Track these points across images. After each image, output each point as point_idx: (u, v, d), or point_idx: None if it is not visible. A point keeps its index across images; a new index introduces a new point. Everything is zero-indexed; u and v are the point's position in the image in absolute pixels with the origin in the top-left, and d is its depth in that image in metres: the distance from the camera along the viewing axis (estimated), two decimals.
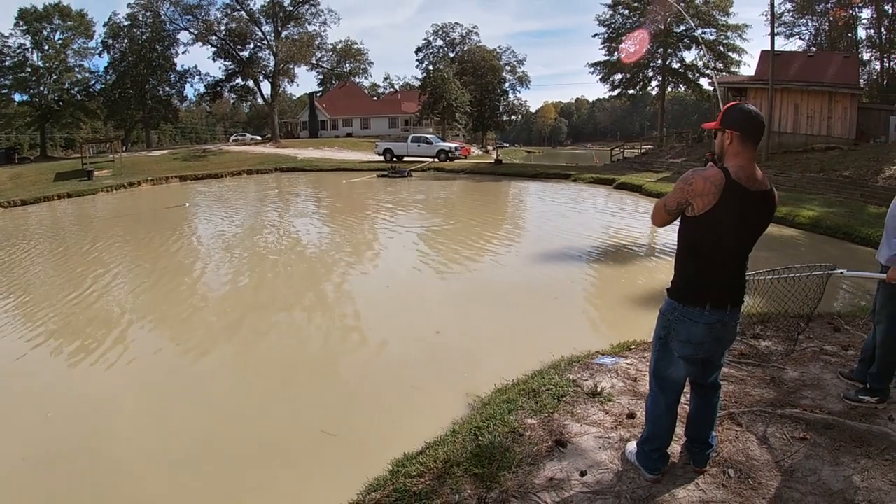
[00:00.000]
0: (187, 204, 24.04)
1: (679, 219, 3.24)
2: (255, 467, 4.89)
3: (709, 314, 3.18)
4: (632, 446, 3.82)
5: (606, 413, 4.47)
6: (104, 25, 57.29)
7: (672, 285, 3.36)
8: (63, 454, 5.18)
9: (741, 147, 3.06)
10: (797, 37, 49.57)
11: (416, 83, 70.51)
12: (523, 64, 73.12)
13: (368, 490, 3.99)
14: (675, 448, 3.80)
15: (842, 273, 4.82)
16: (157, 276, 11.76)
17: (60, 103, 56.65)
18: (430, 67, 64.71)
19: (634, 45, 50.29)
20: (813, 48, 44.87)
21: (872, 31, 45.28)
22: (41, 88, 54.76)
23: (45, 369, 7.24)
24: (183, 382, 6.80)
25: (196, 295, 10.49)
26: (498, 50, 71.21)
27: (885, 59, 45.92)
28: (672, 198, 3.15)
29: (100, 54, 58.47)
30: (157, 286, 10.98)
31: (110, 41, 57.36)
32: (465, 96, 61.97)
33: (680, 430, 3.80)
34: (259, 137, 74.12)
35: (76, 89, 58.07)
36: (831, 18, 45.05)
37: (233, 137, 75.24)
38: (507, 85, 72.41)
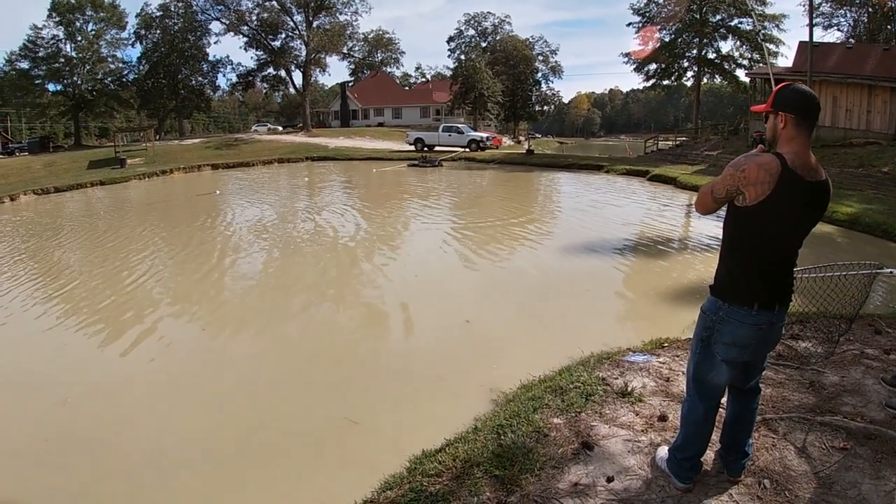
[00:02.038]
0: (217, 192, 24.20)
1: (726, 209, 3.01)
2: (279, 454, 4.91)
3: (757, 314, 2.94)
4: (663, 452, 3.63)
5: (637, 415, 4.30)
6: (136, 16, 58.51)
7: (716, 282, 3.11)
8: (81, 437, 5.22)
9: (796, 131, 2.81)
10: (835, 28, 48.52)
11: (448, 73, 70.36)
12: (556, 54, 72.72)
13: (384, 488, 3.87)
14: (709, 455, 3.61)
15: (892, 272, 4.57)
16: (187, 261, 11.88)
17: (94, 93, 57.59)
18: (462, 57, 64.71)
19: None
20: (851, 40, 43.88)
21: None
22: (74, 78, 55.77)
23: (72, 351, 7.36)
24: (210, 367, 6.87)
25: (225, 281, 10.57)
26: (530, 39, 70.79)
27: None
28: (721, 184, 2.90)
29: (132, 45, 59.70)
30: (186, 272, 11.10)
31: (143, 31, 58.47)
32: (497, 86, 61.74)
33: (714, 435, 3.59)
34: (280, 128, 74.42)
35: (109, 79, 59.07)
36: (873, 6, 43.87)
37: (254, 127, 75.48)
38: (539, 75, 72.08)
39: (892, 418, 4.16)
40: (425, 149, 42.20)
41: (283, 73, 61.56)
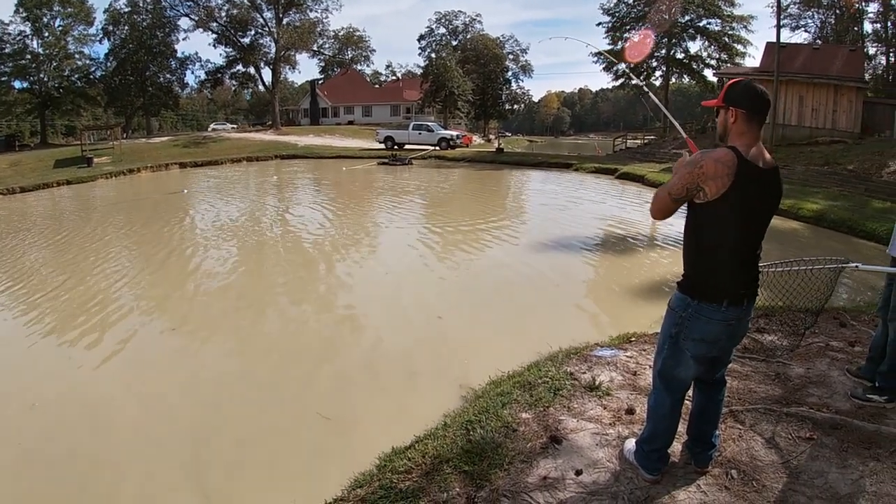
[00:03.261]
0: (185, 191, 23.87)
1: (686, 209, 3.01)
2: (251, 451, 4.92)
3: (726, 310, 2.95)
4: (630, 444, 3.63)
5: (604, 408, 4.29)
6: (104, 12, 57.08)
7: (684, 279, 3.10)
8: (54, 444, 5.10)
9: (747, 126, 2.86)
10: (803, 29, 49.26)
11: (419, 71, 70.18)
12: (526, 53, 72.73)
13: (354, 486, 3.83)
14: (676, 447, 3.62)
15: (856, 267, 4.61)
16: (154, 262, 11.66)
17: (60, 90, 56.21)
18: (433, 55, 64.48)
19: (640, 46, 50.08)
20: (818, 41, 44.58)
21: (879, 25, 44.96)
22: (41, 75, 54.30)
23: (37, 355, 7.16)
24: (180, 367, 6.77)
25: (194, 281, 10.38)
26: (501, 38, 70.82)
27: (892, 54, 45.64)
28: (679, 184, 2.89)
29: (100, 41, 58.15)
30: (154, 272, 10.89)
31: (111, 27, 57.10)
32: (468, 84, 61.67)
33: (682, 427, 3.60)
34: (234, 126, 73.51)
35: (76, 76, 57.62)
36: (840, 8, 44.67)
37: (212, 126, 74.20)
38: (509, 74, 72.09)
39: (857, 408, 4.21)
40: (395, 147, 42.05)
41: (252, 70, 60.64)
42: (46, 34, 53.56)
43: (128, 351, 7.20)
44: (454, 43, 69.15)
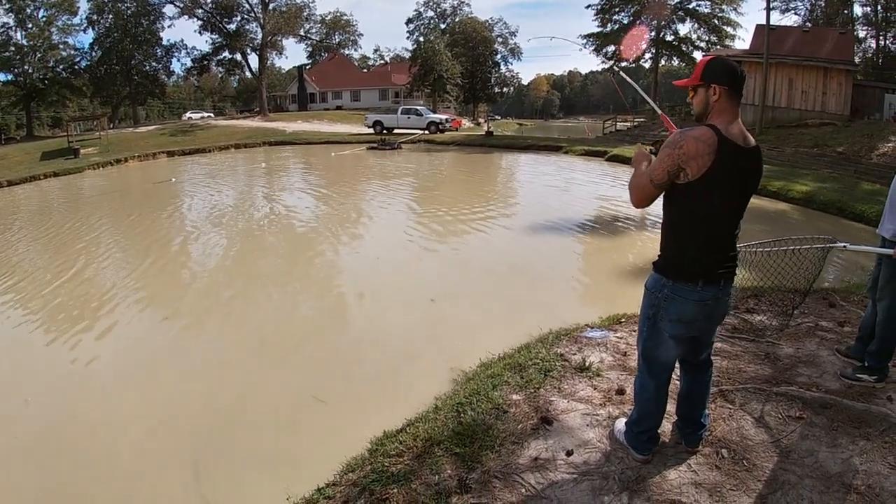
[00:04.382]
0: (173, 179, 23.68)
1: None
2: (247, 437, 4.96)
3: (702, 290, 2.94)
4: (621, 425, 3.63)
5: (595, 389, 4.29)
6: (88, 1, 56.05)
7: (660, 259, 3.10)
8: (49, 438, 5.09)
9: (728, 103, 2.81)
10: (793, 12, 49.20)
11: (407, 55, 69.79)
12: (515, 35, 72.39)
13: (346, 470, 3.84)
14: (666, 426, 3.62)
15: (844, 246, 4.62)
16: (145, 251, 11.61)
17: (45, 82, 55.24)
18: (421, 39, 64.00)
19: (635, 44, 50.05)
20: (808, 23, 44.55)
21: (868, 8, 45.00)
22: (26, 67, 53.43)
23: (29, 348, 7.15)
24: (174, 355, 6.80)
25: (185, 269, 10.37)
26: (490, 21, 70.46)
27: (881, 38, 45.71)
28: (660, 168, 2.83)
29: (84, 30, 57.11)
30: (145, 261, 10.83)
31: (95, 17, 55.99)
32: (456, 68, 61.35)
33: (671, 406, 3.61)
34: (211, 114, 72.83)
35: (61, 67, 56.55)
36: None
37: (188, 115, 72.50)
38: (498, 57, 71.78)
39: (847, 388, 4.22)
40: (384, 131, 41.89)
41: (238, 56, 59.81)
42: (30, 25, 52.65)
43: (121, 341, 7.18)
44: (442, 26, 68.74)
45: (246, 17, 57.30)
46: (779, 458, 3.42)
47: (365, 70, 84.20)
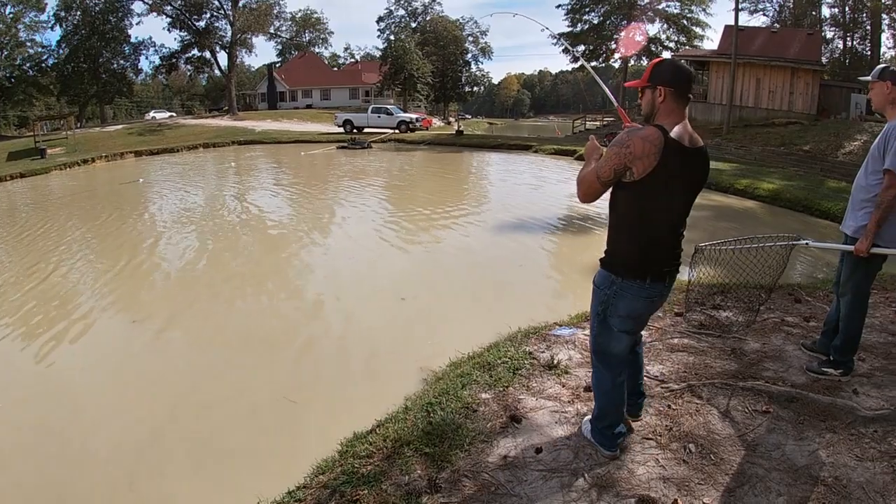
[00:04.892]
0: (141, 180, 23.34)
1: (612, 188, 3.03)
2: (218, 441, 4.90)
3: (649, 287, 3.02)
4: (587, 423, 3.65)
5: (563, 386, 4.30)
6: None
7: (608, 256, 3.14)
8: (21, 439, 5.04)
9: (675, 104, 2.88)
10: (762, 13, 50.04)
11: (378, 53, 69.65)
12: (486, 35, 72.67)
13: (316, 472, 3.79)
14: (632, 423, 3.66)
15: (807, 244, 4.69)
16: (112, 253, 11.40)
17: (12, 80, 54.06)
18: (392, 37, 63.90)
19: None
20: (777, 25, 45.22)
21: (836, 9, 45.88)
22: None
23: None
24: (144, 358, 6.70)
25: (154, 272, 10.18)
26: (461, 20, 70.61)
27: (849, 38, 46.61)
28: (607, 166, 2.87)
29: (52, 27, 56.00)
30: (112, 264, 10.61)
31: (63, 13, 54.90)
32: (427, 67, 61.42)
33: None
34: (173, 113, 71.76)
35: (28, 65, 55.44)
36: None
37: (152, 114, 70.09)
38: (469, 56, 72.03)
39: (812, 382, 4.27)
40: (354, 131, 41.83)
41: (207, 54, 58.97)
42: None
43: (90, 345, 7.07)
44: (413, 25, 68.70)
45: (215, 14, 56.56)
46: (746, 452, 3.45)
47: (335, 69, 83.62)
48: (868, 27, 43.66)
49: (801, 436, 3.59)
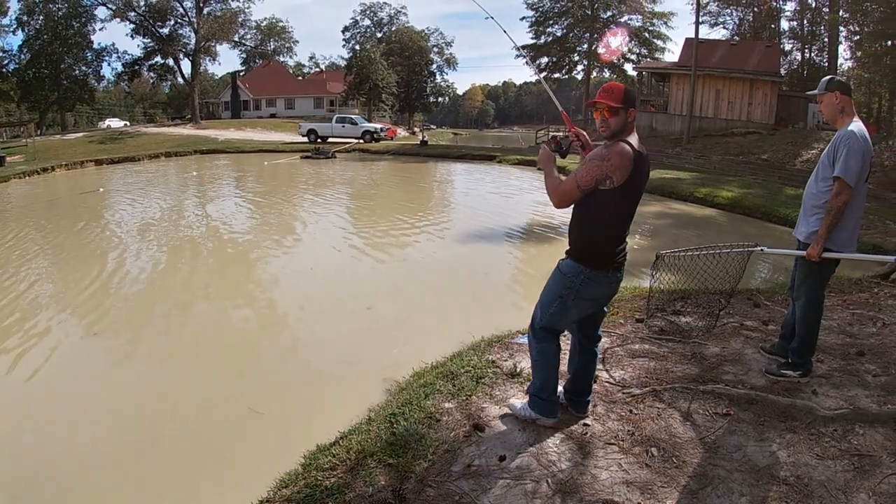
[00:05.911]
0: (101, 189, 22.95)
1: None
2: (182, 454, 4.87)
3: (611, 276, 3.53)
4: (518, 403, 4.00)
5: (526, 394, 4.30)
6: (19, 1, 53.80)
7: (575, 250, 3.58)
8: None
9: (633, 122, 3.42)
10: (721, 26, 50.94)
11: (343, 63, 69.48)
12: (451, 46, 73.10)
13: (280, 486, 3.73)
14: (595, 428, 3.66)
15: (762, 250, 4.81)
16: (71, 266, 11.16)
17: None
18: (357, 47, 63.78)
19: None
20: (736, 37, 46.14)
21: (795, 22, 46.96)
22: None
23: None
24: (106, 371, 6.58)
25: (113, 284, 9.94)
26: (426, 31, 70.97)
27: (807, 50, 47.75)
28: (588, 176, 3.33)
29: (14, 32, 54.63)
30: (71, 277, 10.39)
31: (25, 17, 53.61)
32: (392, 77, 61.41)
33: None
34: (127, 122, 70.88)
35: None
36: (757, 6, 46.50)
37: (107, 122, 69.50)
38: (434, 66, 72.35)
39: (772, 384, 4.34)
40: (319, 140, 41.54)
41: (171, 61, 58.13)
42: None
43: (50, 358, 6.89)
44: (379, 35, 68.91)
45: (179, 21, 55.70)
46: (708, 454, 3.49)
47: (300, 77, 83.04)
48: (826, 39, 44.72)
49: (762, 437, 3.64)
